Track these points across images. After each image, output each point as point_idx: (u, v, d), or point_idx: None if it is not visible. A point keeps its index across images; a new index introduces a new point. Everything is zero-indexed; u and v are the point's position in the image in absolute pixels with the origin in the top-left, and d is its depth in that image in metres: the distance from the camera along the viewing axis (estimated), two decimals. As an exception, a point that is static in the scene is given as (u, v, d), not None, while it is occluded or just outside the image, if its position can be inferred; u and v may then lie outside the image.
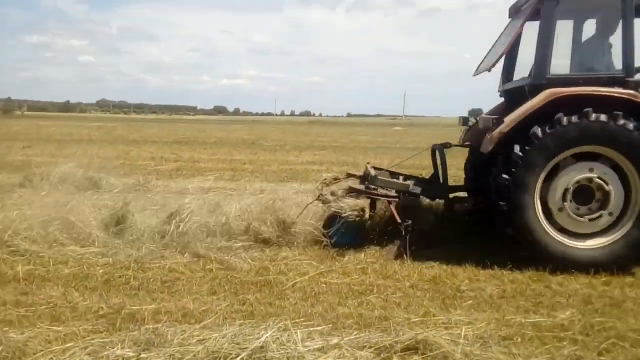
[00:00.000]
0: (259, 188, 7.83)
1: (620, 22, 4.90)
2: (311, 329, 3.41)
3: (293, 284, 4.49)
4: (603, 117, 4.59)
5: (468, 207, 6.19)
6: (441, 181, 5.88)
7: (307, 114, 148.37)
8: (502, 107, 5.94)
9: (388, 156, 17.57)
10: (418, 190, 5.80)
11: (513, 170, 4.74)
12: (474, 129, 5.96)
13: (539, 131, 4.68)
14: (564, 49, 5.45)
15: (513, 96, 5.68)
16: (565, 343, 3.35)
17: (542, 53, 4.99)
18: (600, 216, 4.77)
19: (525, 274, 4.77)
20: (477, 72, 6.03)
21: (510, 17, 6.14)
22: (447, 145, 6.03)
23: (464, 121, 6.42)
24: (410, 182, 5.92)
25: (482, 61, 6.09)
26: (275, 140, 25.45)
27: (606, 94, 4.67)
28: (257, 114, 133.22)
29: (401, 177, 6.09)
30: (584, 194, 4.78)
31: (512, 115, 4.87)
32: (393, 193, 5.68)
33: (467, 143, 6.16)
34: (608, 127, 4.59)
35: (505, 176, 4.78)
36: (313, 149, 19.99)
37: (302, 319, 3.67)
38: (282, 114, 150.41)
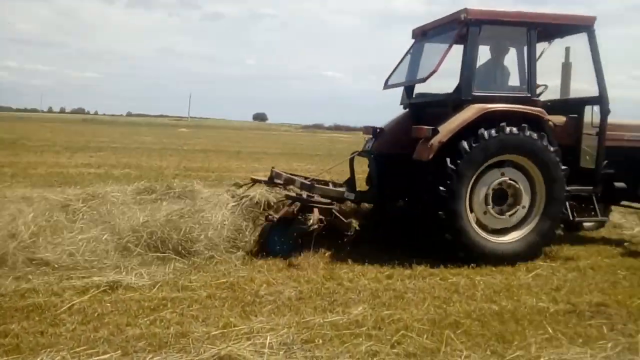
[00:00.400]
0: (21, 194, 6.58)
1: (525, 49, 5.87)
2: (95, 358, 2.91)
3: (69, 305, 3.83)
4: (515, 130, 5.38)
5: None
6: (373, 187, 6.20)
7: (80, 111, 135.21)
8: (406, 118, 6.54)
9: (175, 158, 17.08)
10: (352, 196, 6.07)
11: (448, 182, 5.27)
12: (383, 138, 6.41)
13: (466, 145, 5.29)
14: (483, 70, 6.19)
15: (424, 109, 6.41)
16: (361, 339, 3.46)
17: (467, 73, 5.66)
18: (517, 210, 5.59)
19: (319, 273, 4.91)
20: (387, 86, 6.75)
21: (413, 38, 6.81)
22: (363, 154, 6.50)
23: (372, 131, 6.58)
24: (343, 189, 6.11)
25: (390, 76, 6.81)
26: (42, 139, 22.49)
27: (520, 110, 5.53)
28: (18, 110, 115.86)
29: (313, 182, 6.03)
30: (501, 195, 5.57)
31: (447, 126, 5.41)
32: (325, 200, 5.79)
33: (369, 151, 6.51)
34: (519, 137, 5.42)
35: (441, 187, 5.28)
36: (88, 150, 18.21)
37: (82, 347, 3.14)
38: (50, 111, 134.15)
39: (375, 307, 4.10)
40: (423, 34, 6.68)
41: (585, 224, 7.17)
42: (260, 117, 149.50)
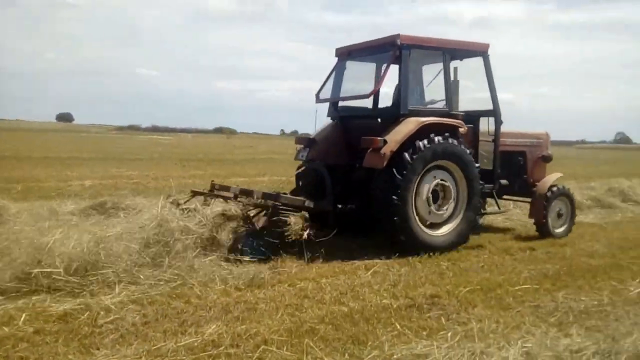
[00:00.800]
0: None
1: (443, 70, 6.73)
2: None
3: None
4: (441, 139, 6.27)
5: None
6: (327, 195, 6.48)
7: None
8: (335, 128, 7.32)
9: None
10: (312, 204, 6.33)
11: (398, 191, 6.00)
12: (318, 148, 7.01)
13: (408, 157, 6.06)
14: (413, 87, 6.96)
15: (350, 120, 7.29)
16: (220, 360, 3.30)
17: (404, 90, 6.45)
18: (448, 206, 6.53)
19: (164, 292, 4.56)
20: (320, 101, 7.47)
21: (337, 56, 7.51)
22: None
23: (307, 141, 7.13)
24: (303, 198, 6.34)
25: (320, 90, 7.47)
26: None
27: (445, 122, 6.47)
28: None
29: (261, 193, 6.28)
30: (435, 195, 6.45)
31: (394, 136, 6.14)
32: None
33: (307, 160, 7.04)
34: (445, 145, 6.32)
35: (394, 197, 6.01)
36: None
37: None
38: None
39: (229, 323, 3.94)
40: (348, 54, 7.42)
41: None
42: (65, 117, 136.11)
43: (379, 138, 6.15)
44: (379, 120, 6.95)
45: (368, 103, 7.27)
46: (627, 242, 7.35)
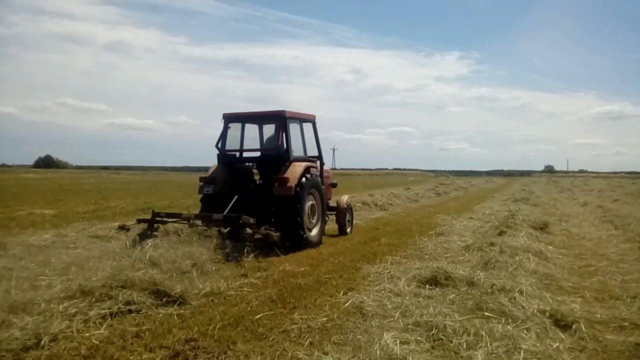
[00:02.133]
0: None
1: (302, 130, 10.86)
2: None
3: None
4: (313, 176, 10.24)
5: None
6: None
7: None
8: (222, 170, 10.30)
9: None
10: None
11: (301, 213, 9.60)
12: (220, 184, 10.02)
13: (300, 189, 9.62)
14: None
15: (234, 163, 10.60)
16: None
17: (288, 145, 10.01)
18: (316, 217, 10.38)
19: None
20: (223, 151, 10.49)
21: (224, 119, 10.47)
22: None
23: (211, 180, 10.13)
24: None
25: (218, 142, 10.46)
26: None
27: (314, 165, 10.58)
28: None
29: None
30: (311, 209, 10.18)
31: (292, 175, 9.56)
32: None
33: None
34: (315, 179, 10.29)
35: (298, 218, 9.53)
36: None
37: None
38: None
39: None
40: (237, 119, 10.64)
41: None
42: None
43: (285, 176, 9.48)
44: (255, 164, 10.81)
45: (254, 153, 10.89)
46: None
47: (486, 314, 5.00)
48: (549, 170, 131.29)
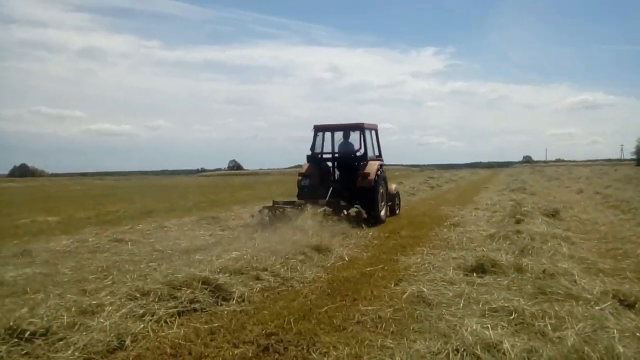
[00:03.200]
0: None
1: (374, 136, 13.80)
2: None
3: None
4: (382, 171, 13.32)
5: None
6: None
7: None
8: (314, 167, 13.00)
9: None
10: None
11: (377, 199, 12.56)
12: (315, 178, 12.76)
13: (379, 181, 12.77)
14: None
15: (323, 162, 13.33)
16: None
17: (366, 148, 12.83)
18: (385, 201, 13.63)
19: None
20: (314, 154, 13.32)
21: (315, 130, 13.37)
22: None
23: (306, 175, 12.83)
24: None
25: (313, 148, 13.35)
26: None
27: (382, 163, 13.47)
28: None
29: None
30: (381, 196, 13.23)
31: (370, 170, 12.46)
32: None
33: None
34: (384, 175, 13.48)
35: (376, 202, 12.49)
36: None
37: None
38: None
39: None
40: (325, 129, 13.40)
41: None
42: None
43: (367, 172, 12.38)
44: (337, 162, 13.32)
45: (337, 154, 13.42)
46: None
47: (554, 297, 5.07)
48: (528, 160, 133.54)
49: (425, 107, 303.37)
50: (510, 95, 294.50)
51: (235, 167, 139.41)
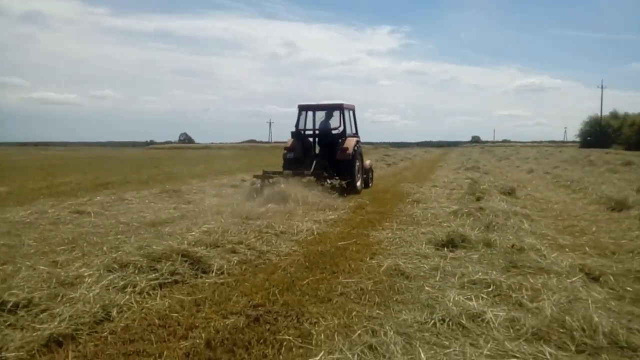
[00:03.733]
0: None
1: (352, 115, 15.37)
2: None
3: None
4: (358, 147, 14.51)
5: None
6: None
7: None
8: (298, 141, 14.23)
9: None
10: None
11: (353, 169, 13.77)
12: (298, 150, 14.03)
13: (356, 154, 13.95)
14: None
15: (304, 137, 14.48)
16: None
17: (345, 126, 14.23)
18: (360, 173, 14.79)
19: None
20: (298, 131, 14.53)
21: (298, 109, 14.62)
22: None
23: (291, 148, 14.09)
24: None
25: (297, 125, 14.54)
26: None
27: (358, 139, 14.74)
28: None
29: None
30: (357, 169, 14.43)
31: (348, 145, 13.72)
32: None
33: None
34: (360, 150, 14.81)
35: (353, 174, 13.67)
36: None
37: None
38: None
39: None
40: (308, 108, 14.72)
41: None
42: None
43: (345, 146, 13.65)
44: (317, 137, 14.49)
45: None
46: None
47: (526, 270, 5.33)
48: (476, 140, 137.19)
49: (379, 86, 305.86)
50: (461, 76, 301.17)
51: (186, 140, 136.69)
